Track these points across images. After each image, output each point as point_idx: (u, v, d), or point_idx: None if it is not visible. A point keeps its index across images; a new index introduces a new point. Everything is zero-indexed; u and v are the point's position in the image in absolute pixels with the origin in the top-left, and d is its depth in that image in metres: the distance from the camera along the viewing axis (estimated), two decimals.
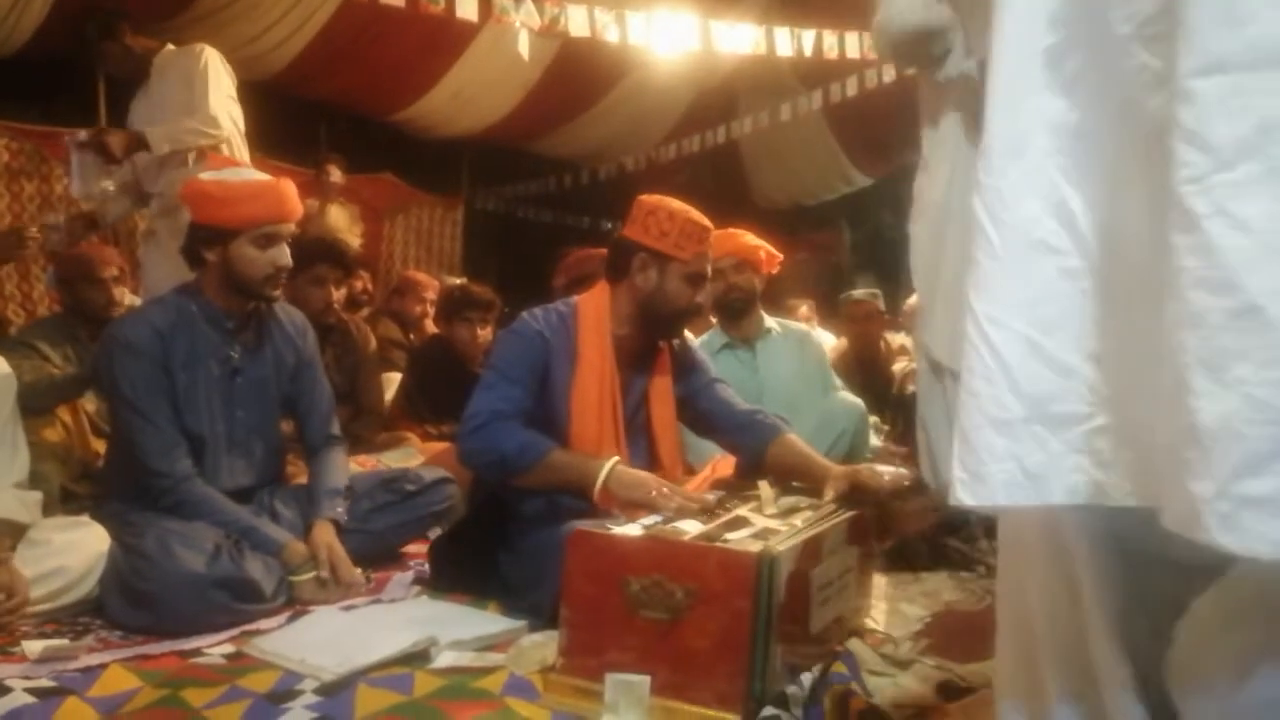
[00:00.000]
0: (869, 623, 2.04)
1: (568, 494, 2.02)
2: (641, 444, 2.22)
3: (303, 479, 2.71)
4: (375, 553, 2.40)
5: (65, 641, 1.83)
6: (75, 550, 2.02)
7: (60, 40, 5.38)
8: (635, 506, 1.88)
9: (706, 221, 2.20)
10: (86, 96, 5.88)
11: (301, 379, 2.46)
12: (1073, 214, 0.90)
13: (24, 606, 1.90)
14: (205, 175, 2.39)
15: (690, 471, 2.47)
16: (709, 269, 2.22)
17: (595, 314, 2.20)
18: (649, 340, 2.25)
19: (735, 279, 3.26)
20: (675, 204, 2.20)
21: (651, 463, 2.20)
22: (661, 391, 2.26)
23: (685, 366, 2.31)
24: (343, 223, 5.91)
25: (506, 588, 2.11)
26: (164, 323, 2.26)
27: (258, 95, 6.49)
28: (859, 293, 5.06)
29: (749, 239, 3.30)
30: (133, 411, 2.20)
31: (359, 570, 2.23)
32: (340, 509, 2.32)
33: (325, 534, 2.23)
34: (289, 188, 2.35)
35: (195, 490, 2.19)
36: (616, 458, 1.98)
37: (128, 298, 3.66)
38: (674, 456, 2.27)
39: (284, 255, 2.29)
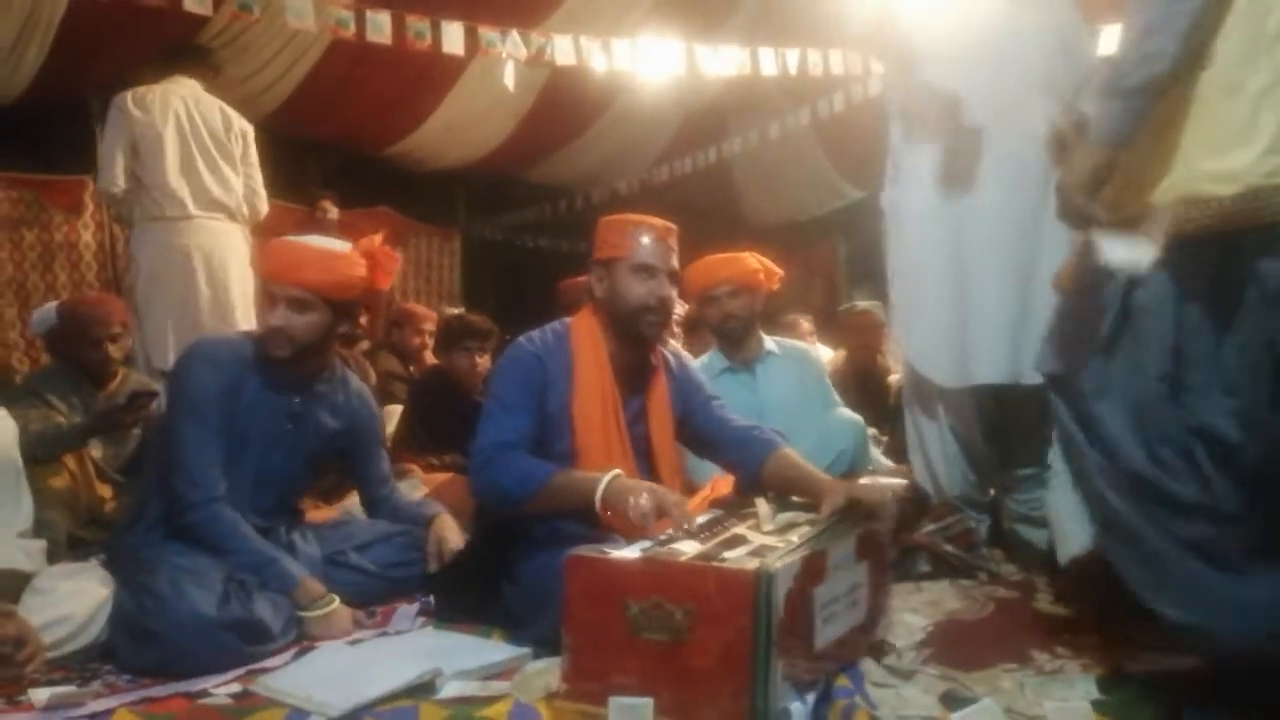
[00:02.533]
0: (886, 639, 2.00)
1: (577, 518, 2.02)
2: (643, 464, 2.24)
3: (314, 515, 2.75)
4: (387, 597, 2.43)
5: (72, 688, 1.84)
6: (81, 597, 2.04)
7: (56, 89, 5.45)
8: (626, 520, 1.88)
9: (649, 219, 2.24)
10: (83, 145, 5.95)
11: (360, 444, 2.55)
12: None
13: (38, 656, 1.91)
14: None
15: (691, 491, 2.49)
16: (660, 260, 2.21)
17: (588, 330, 2.24)
18: (638, 356, 2.27)
19: (731, 306, 3.26)
20: (617, 215, 2.29)
21: (653, 481, 2.20)
22: (659, 411, 2.27)
23: (682, 385, 2.33)
24: None
25: (511, 617, 2.12)
26: (242, 354, 2.34)
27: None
28: (861, 304, 5.06)
29: (747, 263, 3.28)
30: (193, 417, 2.24)
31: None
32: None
33: (441, 526, 2.52)
34: (287, 250, 2.35)
35: (224, 512, 2.21)
36: (615, 471, 1.98)
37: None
38: (674, 475, 2.28)
39: (276, 315, 2.30)
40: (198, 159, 3.85)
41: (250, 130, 4.09)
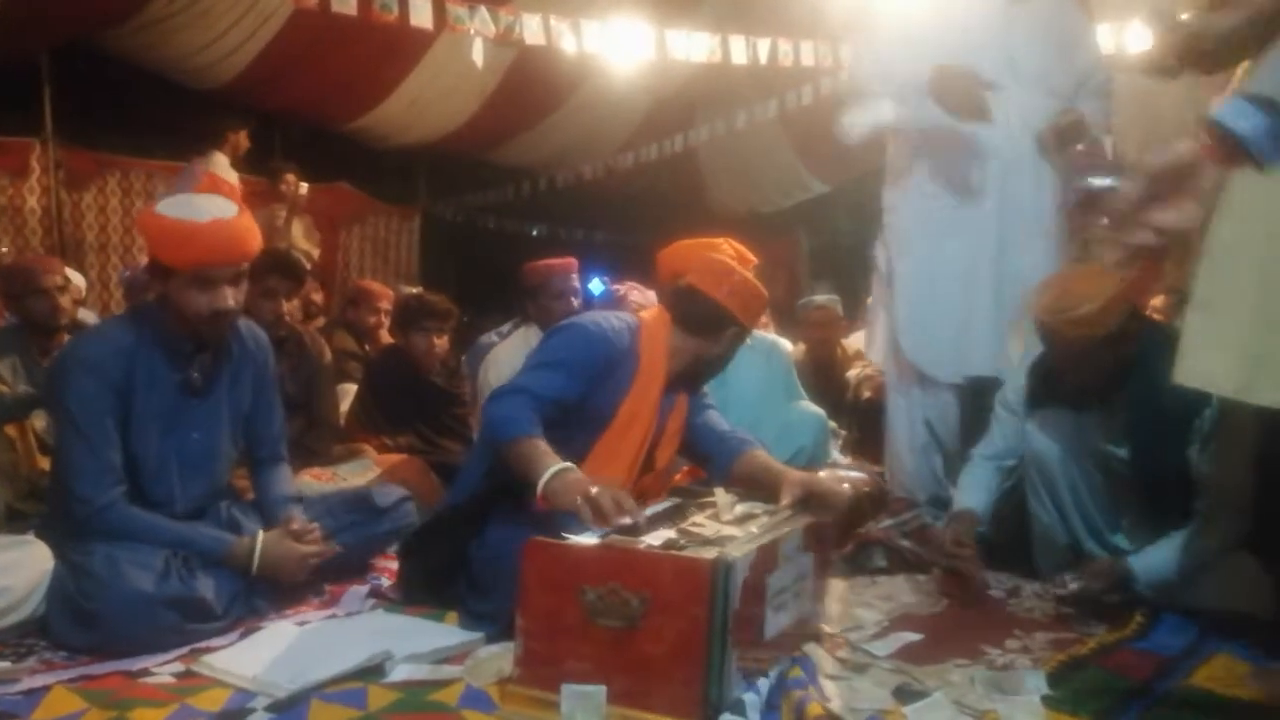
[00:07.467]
0: (825, 627, 2.04)
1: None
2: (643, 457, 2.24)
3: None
4: (337, 569, 2.36)
5: (7, 664, 1.79)
6: (19, 570, 1.97)
7: (5, 51, 5.27)
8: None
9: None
10: (32, 107, 5.78)
11: (260, 397, 2.39)
12: None
13: None
14: (159, 205, 2.17)
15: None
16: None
17: (657, 339, 2.23)
18: (685, 381, 2.29)
19: None
20: (741, 271, 2.31)
21: (646, 466, 2.23)
22: (679, 409, 2.30)
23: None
24: (299, 233, 5.86)
25: (473, 586, 2.09)
26: (125, 342, 2.15)
27: (209, 104, 6.40)
28: (820, 299, 5.09)
29: (724, 249, 3.26)
30: (74, 430, 2.09)
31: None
32: (297, 512, 2.29)
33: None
34: (236, 228, 2.11)
35: (116, 517, 2.07)
36: (562, 465, 1.91)
37: (85, 315, 3.61)
38: (669, 462, 2.32)
39: (223, 298, 2.10)
40: None
41: None
